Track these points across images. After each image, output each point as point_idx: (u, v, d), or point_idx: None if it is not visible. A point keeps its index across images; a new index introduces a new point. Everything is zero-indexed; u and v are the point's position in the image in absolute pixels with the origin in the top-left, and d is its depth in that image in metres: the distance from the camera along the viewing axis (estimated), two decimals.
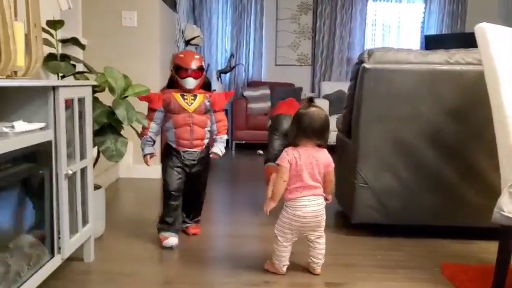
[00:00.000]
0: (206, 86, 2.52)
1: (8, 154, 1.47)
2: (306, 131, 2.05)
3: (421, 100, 2.47)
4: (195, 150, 2.42)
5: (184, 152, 2.41)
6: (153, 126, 2.43)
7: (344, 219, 2.88)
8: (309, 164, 2.05)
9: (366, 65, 2.47)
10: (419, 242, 2.58)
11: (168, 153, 2.45)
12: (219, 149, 2.53)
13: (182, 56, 2.41)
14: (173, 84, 2.42)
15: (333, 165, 2.11)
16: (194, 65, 2.35)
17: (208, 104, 2.43)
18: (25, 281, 1.60)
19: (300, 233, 2.12)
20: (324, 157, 2.08)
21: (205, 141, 2.47)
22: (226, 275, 2.16)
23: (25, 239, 1.72)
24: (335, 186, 3.21)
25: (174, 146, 2.42)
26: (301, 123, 2.06)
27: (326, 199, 2.15)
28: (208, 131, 2.49)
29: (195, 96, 2.40)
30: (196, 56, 2.40)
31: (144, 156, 2.44)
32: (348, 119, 2.71)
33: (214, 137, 2.54)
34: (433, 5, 6.69)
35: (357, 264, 2.31)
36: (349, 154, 2.70)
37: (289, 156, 2.06)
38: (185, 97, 2.38)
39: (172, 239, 2.40)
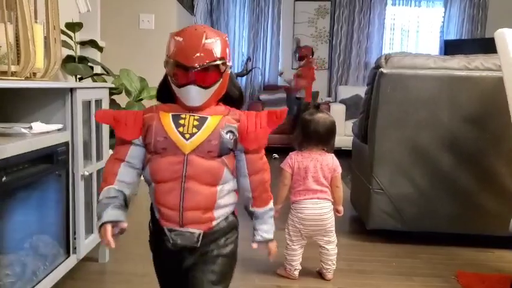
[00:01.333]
0: (232, 98, 1.32)
1: (26, 155, 1.49)
2: (311, 137, 2.07)
3: (438, 106, 2.44)
4: (189, 230, 1.22)
5: (170, 232, 1.23)
6: (125, 172, 1.23)
7: (359, 224, 2.86)
8: (313, 168, 2.06)
9: (383, 70, 2.45)
10: (435, 250, 2.55)
11: (153, 230, 1.32)
12: (264, 233, 1.33)
13: (181, 39, 1.20)
14: (169, 92, 1.26)
15: (339, 170, 2.11)
16: (199, 60, 1.17)
17: (230, 135, 1.22)
18: (40, 281, 1.62)
19: (308, 237, 2.12)
20: (329, 161, 2.09)
21: (219, 212, 1.25)
22: (238, 278, 2.15)
23: (41, 238, 1.74)
24: (351, 191, 3.20)
25: (157, 217, 1.27)
26: (306, 129, 2.08)
27: (337, 211, 2.15)
28: (233, 190, 1.28)
29: (203, 119, 1.22)
30: (210, 40, 1.19)
31: (101, 226, 1.21)
32: (364, 124, 2.69)
33: (251, 209, 1.32)
34: (453, 10, 6.61)
35: (372, 270, 2.29)
36: (365, 159, 2.68)
37: (291, 160, 2.09)
38: (181, 121, 1.22)
39: None
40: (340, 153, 5.87)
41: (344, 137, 5.81)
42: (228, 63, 1.23)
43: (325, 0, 6.68)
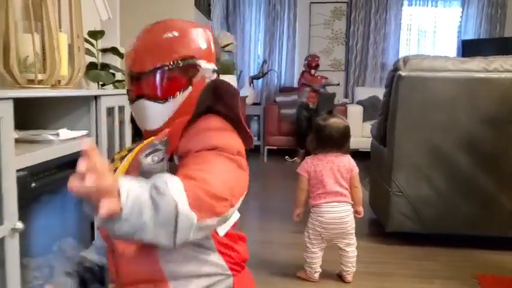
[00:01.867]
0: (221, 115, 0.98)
1: (53, 161, 1.54)
2: (326, 141, 2.12)
3: (457, 108, 2.44)
4: None
5: None
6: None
7: (378, 227, 2.86)
8: (330, 170, 2.10)
9: (401, 73, 2.46)
10: (455, 252, 2.55)
11: None
12: None
13: (134, 40, 1.05)
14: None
15: (356, 169, 2.15)
16: (144, 63, 0.98)
17: (153, 157, 0.91)
18: None
19: (329, 240, 2.15)
20: (345, 162, 2.13)
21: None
22: (261, 281, 2.18)
23: (68, 242, 1.78)
24: (369, 193, 3.21)
25: None
26: (321, 134, 2.12)
27: (357, 212, 2.18)
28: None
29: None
30: (166, 35, 1.01)
31: None
32: (383, 127, 2.70)
33: None
34: (470, 9, 6.55)
35: (391, 273, 2.30)
36: (384, 162, 2.69)
37: (307, 165, 2.13)
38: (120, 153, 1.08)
39: None
40: (358, 155, 5.87)
41: (361, 138, 5.81)
42: (203, 65, 0.93)
43: (341, 2, 6.68)
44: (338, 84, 5.88)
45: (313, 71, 5.76)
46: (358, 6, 6.61)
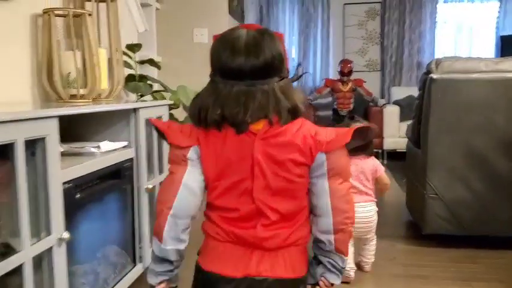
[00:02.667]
0: None
1: (96, 172, 1.63)
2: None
3: (493, 110, 2.41)
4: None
5: None
6: None
7: (415, 229, 2.85)
8: (355, 172, 2.17)
9: (434, 76, 2.45)
10: (495, 254, 2.51)
11: None
12: None
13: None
14: None
15: (381, 170, 2.25)
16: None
17: None
18: None
19: (357, 238, 2.24)
20: (369, 164, 2.24)
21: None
22: None
23: (111, 248, 1.87)
24: (406, 195, 3.20)
25: None
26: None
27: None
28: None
29: None
30: None
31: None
32: (417, 129, 2.69)
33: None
34: (509, 4, 6.37)
35: (430, 276, 2.29)
36: (419, 164, 2.67)
37: None
38: None
39: None
40: (395, 156, 5.87)
41: (398, 138, 5.76)
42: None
43: (375, 2, 6.64)
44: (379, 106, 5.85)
45: (345, 78, 5.70)
46: (392, 5, 6.54)
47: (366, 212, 2.21)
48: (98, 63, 1.96)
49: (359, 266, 2.33)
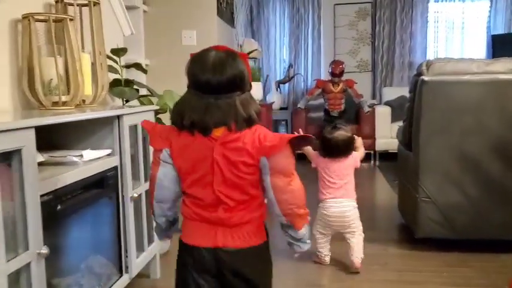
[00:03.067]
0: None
1: (78, 182, 1.57)
2: (333, 151, 2.41)
3: (485, 111, 2.38)
4: None
5: None
6: None
7: (408, 233, 2.82)
8: (336, 170, 2.40)
9: (425, 78, 2.42)
10: (488, 258, 2.48)
11: None
12: None
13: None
14: None
15: (357, 158, 2.44)
16: None
17: None
18: None
19: (334, 230, 2.44)
20: (351, 161, 2.42)
21: None
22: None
23: (96, 259, 1.82)
24: (398, 198, 3.17)
25: None
26: (327, 145, 2.41)
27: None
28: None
29: None
30: None
31: None
32: (408, 132, 2.65)
33: None
34: (499, 3, 6.35)
35: (424, 281, 2.26)
36: (411, 167, 2.64)
37: (318, 159, 2.46)
38: None
39: None
40: (386, 156, 5.85)
41: (390, 139, 5.73)
42: None
43: (365, 2, 6.61)
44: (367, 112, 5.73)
45: (336, 79, 5.61)
46: (383, 5, 6.52)
47: (340, 207, 2.37)
48: (80, 68, 1.91)
49: (349, 264, 2.40)
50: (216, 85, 1.16)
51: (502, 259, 2.46)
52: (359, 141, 2.49)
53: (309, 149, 2.50)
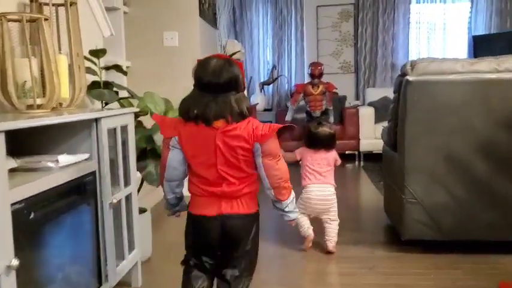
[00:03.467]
0: None
1: (53, 189, 1.50)
2: (316, 144, 2.69)
3: (470, 111, 2.35)
4: None
5: None
6: None
7: (394, 234, 2.79)
8: (318, 160, 2.68)
9: (409, 78, 2.39)
10: (476, 259, 2.45)
11: None
12: None
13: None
14: None
15: (339, 160, 2.75)
16: None
17: None
18: None
19: (315, 213, 2.69)
20: (333, 155, 2.71)
21: None
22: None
23: (73, 269, 1.75)
24: (384, 199, 3.14)
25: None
26: (312, 138, 2.70)
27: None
28: None
29: None
30: None
31: None
32: (393, 132, 2.62)
33: None
34: (479, 4, 6.41)
35: (411, 284, 2.22)
36: (396, 168, 2.61)
37: (302, 150, 2.75)
38: None
39: None
40: (371, 157, 5.84)
41: (374, 140, 5.73)
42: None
43: (347, 3, 6.61)
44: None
45: (316, 80, 5.48)
46: (365, 6, 6.53)
47: (322, 191, 2.64)
48: (56, 70, 1.83)
49: (324, 246, 2.64)
50: (215, 86, 1.45)
51: (491, 260, 2.43)
52: None
53: (287, 155, 2.67)
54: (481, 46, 6.08)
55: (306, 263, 2.54)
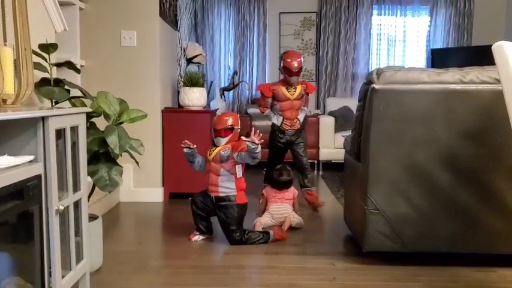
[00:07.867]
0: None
1: None
2: (280, 187, 3.42)
3: (434, 122, 2.33)
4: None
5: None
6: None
7: (354, 245, 2.73)
8: (281, 198, 3.41)
9: (375, 86, 2.34)
10: (437, 271, 2.43)
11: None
12: None
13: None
14: None
15: (296, 192, 3.49)
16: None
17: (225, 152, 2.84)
18: None
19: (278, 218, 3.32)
20: (291, 191, 3.45)
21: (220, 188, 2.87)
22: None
23: (13, 281, 1.59)
24: (344, 209, 3.09)
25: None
26: (275, 185, 3.43)
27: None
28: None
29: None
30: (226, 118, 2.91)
31: None
32: (357, 142, 2.57)
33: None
34: (438, 18, 6.57)
35: None
36: (359, 178, 2.56)
37: (268, 190, 3.48)
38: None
39: None
40: (330, 167, 5.82)
41: (334, 149, 5.73)
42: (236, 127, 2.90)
43: (310, 12, 6.62)
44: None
45: (294, 79, 3.72)
46: (328, 16, 6.55)
47: (283, 208, 3.35)
48: None
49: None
50: None
51: (450, 273, 2.41)
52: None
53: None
54: (439, 59, 6.22)
55: (265, 275, 2.44)
